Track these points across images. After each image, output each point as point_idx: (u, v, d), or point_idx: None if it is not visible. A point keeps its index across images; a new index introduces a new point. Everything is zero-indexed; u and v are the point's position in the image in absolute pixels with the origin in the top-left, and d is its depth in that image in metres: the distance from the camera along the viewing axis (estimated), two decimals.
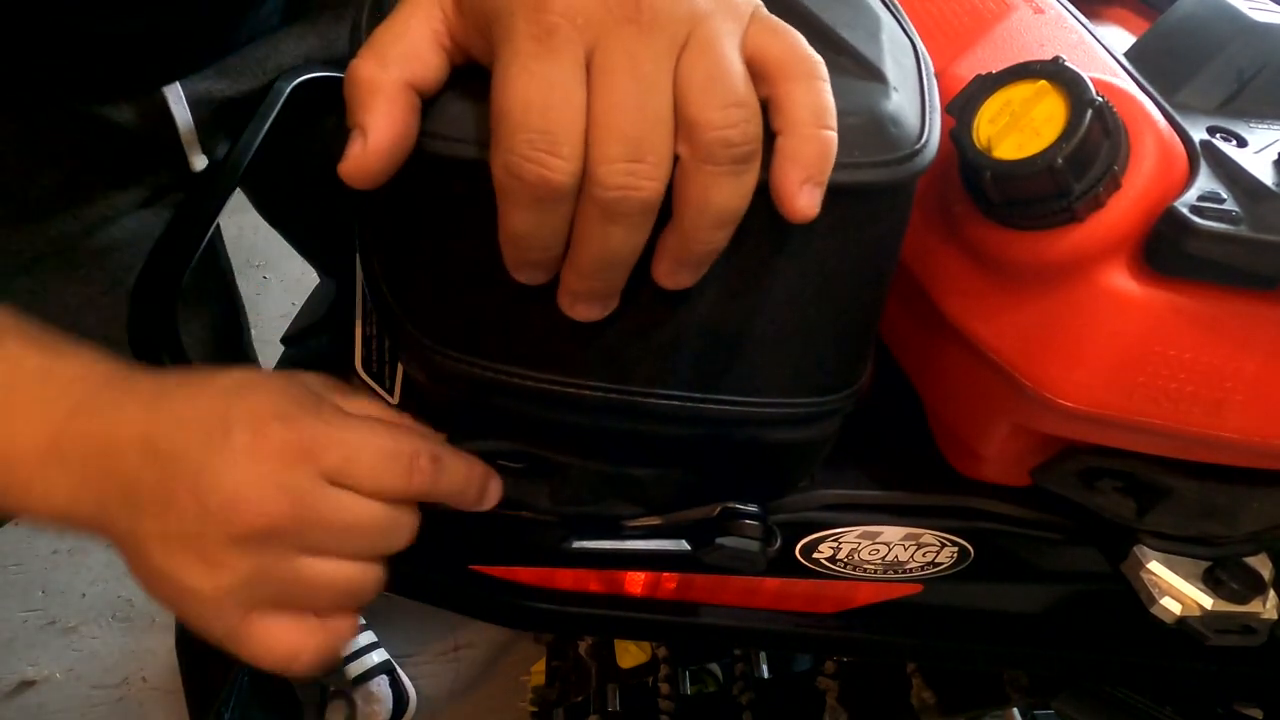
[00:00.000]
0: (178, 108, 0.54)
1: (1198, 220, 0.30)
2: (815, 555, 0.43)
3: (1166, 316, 0.32)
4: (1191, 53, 0.37)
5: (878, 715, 0.64)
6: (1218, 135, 0.34)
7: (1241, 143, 0.34)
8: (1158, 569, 0.40)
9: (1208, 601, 0.39)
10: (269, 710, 1.08)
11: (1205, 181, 0.32)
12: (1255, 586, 0.40)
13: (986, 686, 0.60)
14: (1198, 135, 0.34)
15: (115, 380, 0.34)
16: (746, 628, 0.46)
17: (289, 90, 0.55)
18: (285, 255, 0.77)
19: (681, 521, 0.42)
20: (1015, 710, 0.61)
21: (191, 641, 1.04)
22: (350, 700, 1.17)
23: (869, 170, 0.29)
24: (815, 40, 0.28)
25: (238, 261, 0.70)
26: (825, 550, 0.43)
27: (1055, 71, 0.32)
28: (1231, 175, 0.32)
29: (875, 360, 0.40)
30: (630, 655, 0.77)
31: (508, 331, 0.32)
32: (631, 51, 0.25)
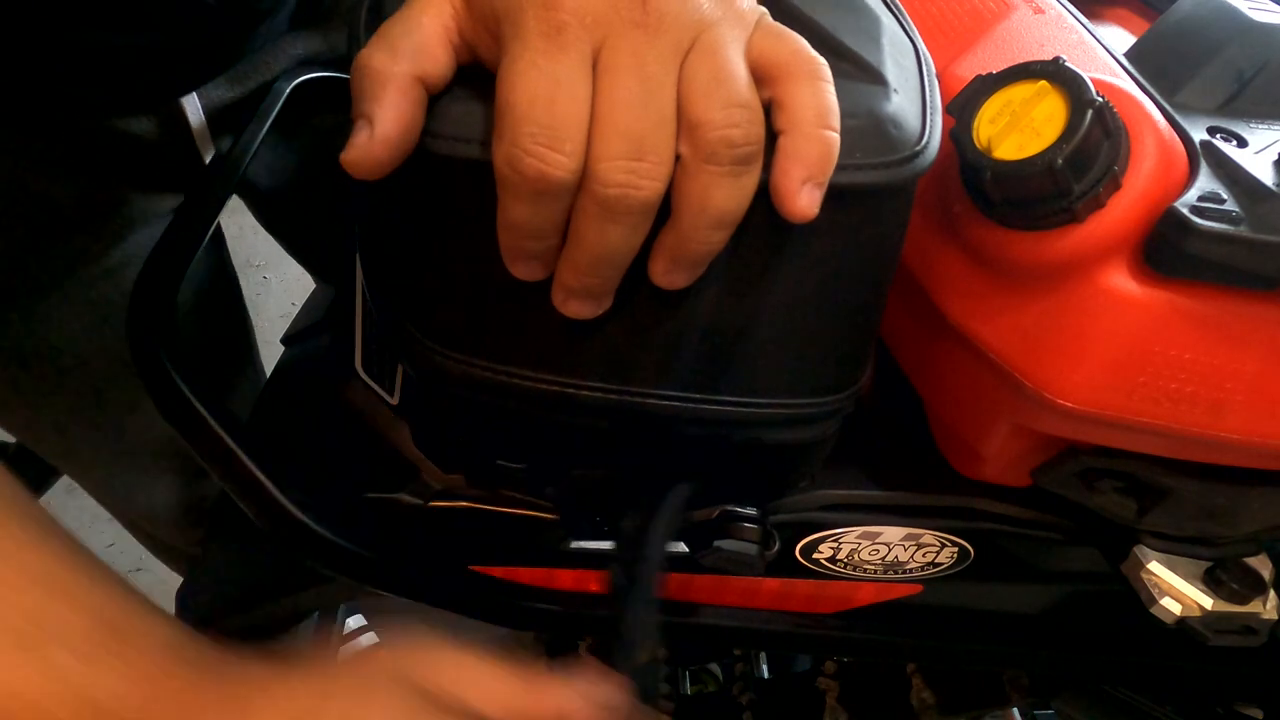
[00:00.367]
0: (194, 117, 0.54)
1: (1198, 220, 0.30)
2: (815, 556, 0.43)
3: (1167, 317, 0.32)
4: (1191, 53, 0.37)
5: (878, 715, 0.64)
6: (1218, 135, 0.34)
7: (1242, 143, 0.34)
8: (1158, 569, 0.40)
9: (1208, 602, 0.39)
10: None
11: (1205, 182, 0.32)
12: (1255, 587, 0.40)
13: (986, 686, 0.60)
14: (1198, 135, 0.34)
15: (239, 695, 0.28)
16: (746, 628, 0.46)
17: (289, 90, 0.56)
18: (285, 255, 0.77)
19: (681, 523, 0.41)
20: (1015, 710, 0.60)
21: None
22: None
23: (869, 172, 0.29)
24: (816, 45, 0.28)
25: (238, 261, 0.70)
26: (825, 551, 0.43)
27: (1055, 72, 0.32)
28: (1232, 175, 0.32)
29: (875, 360, 0.40)
30: None
31: (508, 332, 0.32)
32: (638, 52, 0.25)
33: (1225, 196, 0.31)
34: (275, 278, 1.69)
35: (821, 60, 0.27)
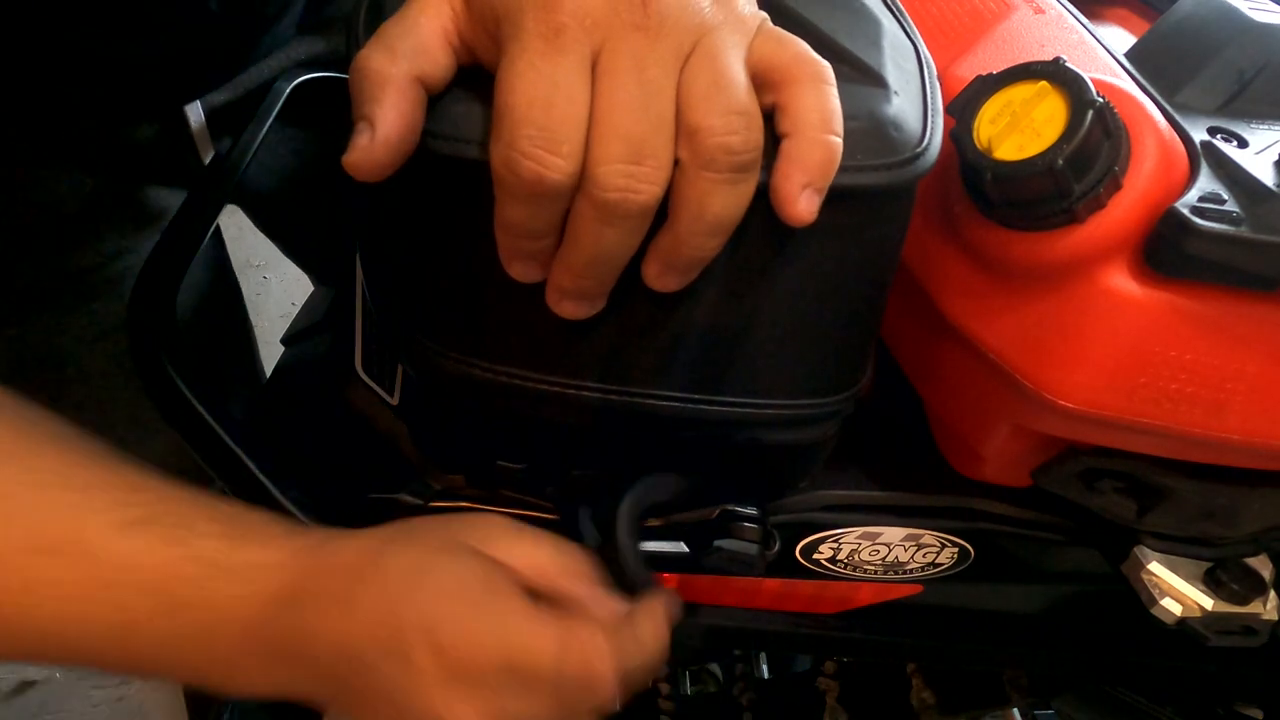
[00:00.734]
0: (194, 119, 0.54)
1: (1198, 221, 0.30)
2: (816, 556, 0.43)
3: (1167, 317, 0.32)
4: (1192, 53, 0.37)
5: (878, 715, 0.64)
6: (1218, 136, 0.34)
7: (1242, 143, 0.34)
8: (1158, 570, 0.40)
9: (1208, 602, 0.39)
10: (271, 712, 1.08)
11: (1206, 182, 0.32)
12: (1256, 587, 0.40)
13: (986, 686, 0.60)
14: (1198, 136, 0.33)
15: (310, 566, 0.31)
16: (746, 628, 0.46)
17: (289, 90, 0.55)
18: (285, 256, 0.77)
19: (681, 523, 0.41)
20: (1015, 710, 0.60)
21: None
22: None
23: (870, 173, 0.29)
24: (817, 48, 0.28)
25: (238, 261, 0.70)
26: (825, 551, 0.43)
27: (1056, 72, 0.32)
28: (1232, 176, 0.32)
29: (875, 360, 0.40)
30: None
31: (507, 332, 0.32)
32: (637, 55, 0.25)
33: (1225, 197, 0.31)
34: (275, 278, 1.69)
35: (825, 64, 0.27)
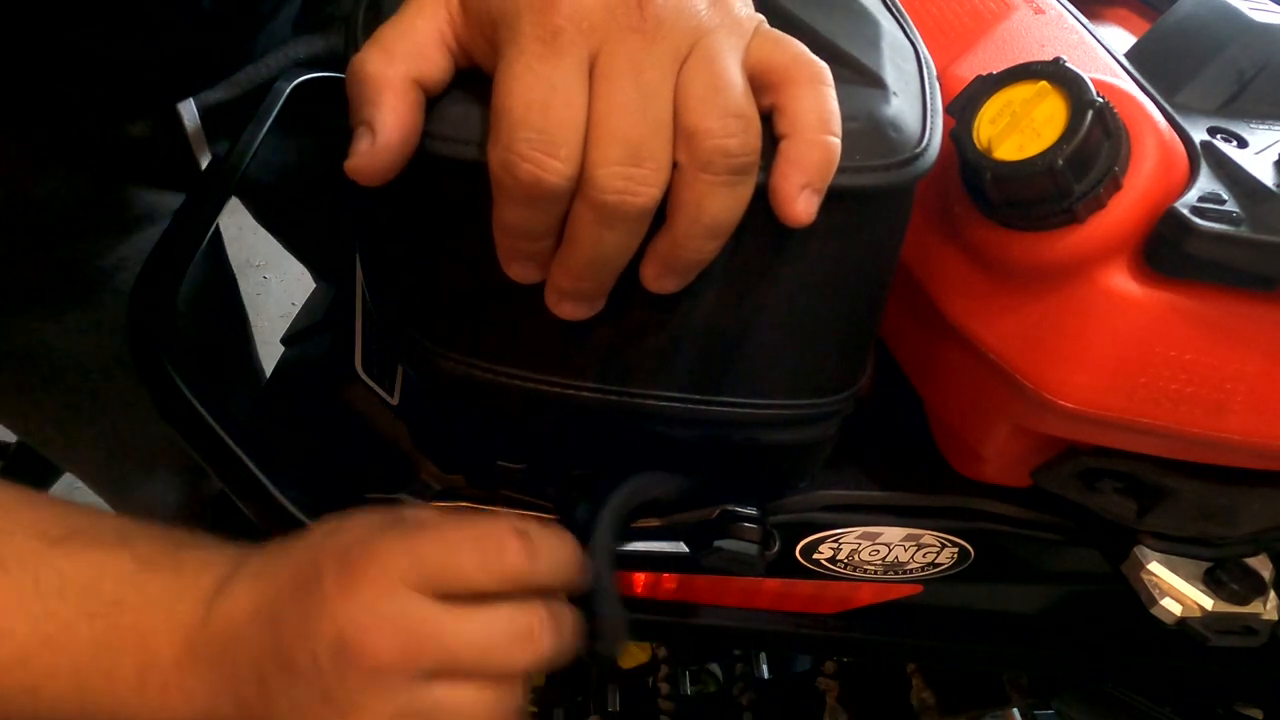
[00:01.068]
0: (189, 118, 0.54)
1: (1198, 221, 0.30)
2: (815, 556, 0.43)
3: (1167, 317, 0.32)
4: (1192, 53, 0.37)
5: (878, 715, 0.64)
6: (1218, 136, 0.34)
7: (1242, 143, 0.34)
8: (1158, 570, 0.40)
9: (1208, 602, 0.39)
10: None
11: (1206, 182, 0.32)
12: (1256, 587, 0.40)
13: (986, 686, 0.60)
14: (1198, 136, 0.33)
15: (238, 566, 0.32)
16: (746, 628, 0.46)
17: (289, 90, 0.55)
18: (285, 255, 0.77)
19: (681, 523, 0.41)
20: (1015, 710, 0.61)
21: None
22: None
23: (869, 174, 0.29)
24: (815, 51, 0.28)
25: (238, 261, 0.70)
26: (825, 551, 0.43)
27: (1056, 72, 0.32)
28: (1232, 176, 0.32)
29: (875, 360, 0.40)
30: (630, 655, 0.77)
31: (506, 333, 0.32)
32: (635, 58, 0.25)
33: (1225, 197, 0.31)
34: (275, 278, 1.69)
35: (823, 65, 0.27)
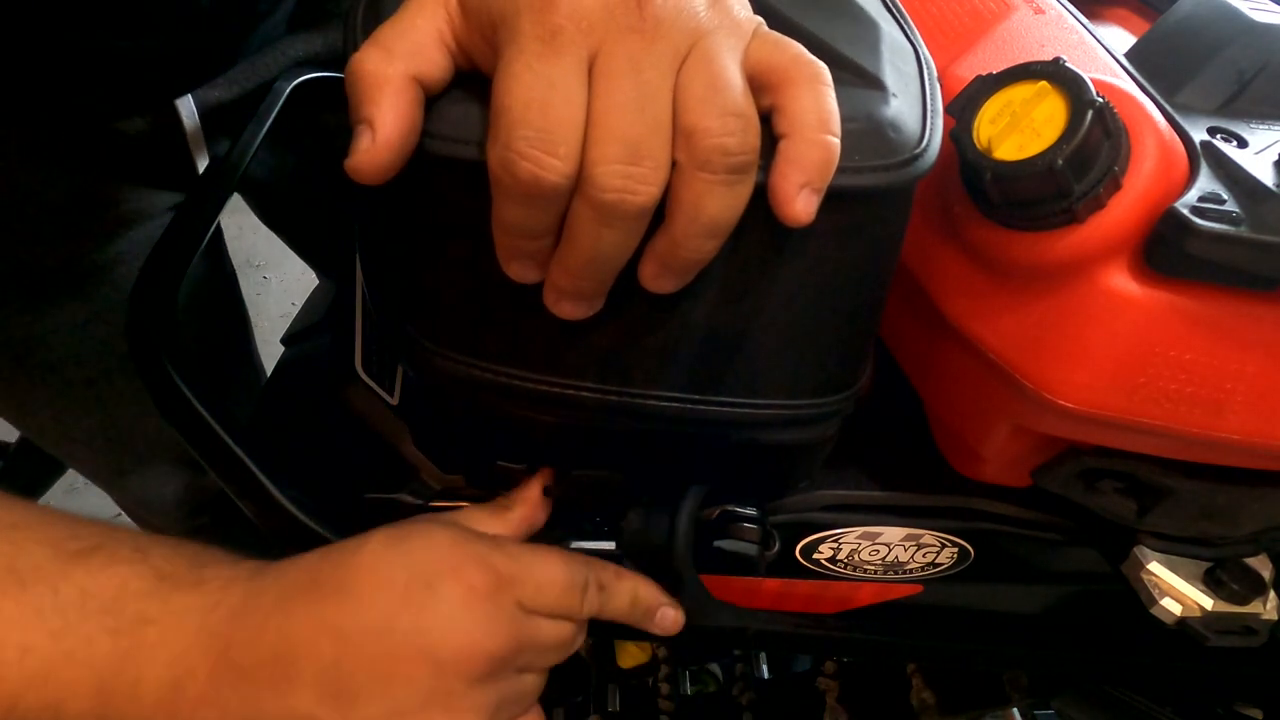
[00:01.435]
0: (187, 117, 0.54)
1: (1198, 221, 0.30)
2: (815, 556, 0.43)
3: (1167, 317, 0.32)
4: (1192, 53, 0.37)
5: (878, 715, 0.64)
6: (1218, 136, 0.34)
7: (1242, 143, 0.34)
8: (1158, 570, 0.40)
9: (1208, 602, 0.39)
10: None
11: (1206, 182, 0.32)
12: (1256, 587, 0.40)
13: (986, 686, 0.60)
14: (1198, 136, 0.33)
15: (276, 579, 0.33)
16: (746, 628, 0.46)
17: (289, 90, 0.55)
18: (285, 255, 0.77)
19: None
20: (1015, 710, 0.61)
21: None
22: None
23: (868, 174, 0.29)
24: (814, 53, 0.28)
25: (238, 261, 0.70)
26: (825, 551, 0.43)
27: (1056, 72, 0.32)
28: (1232, 176, 0.32)
29: (875, 360, 0.40)
30: (630, 655, 0.77)
31: (507, 333, 0.32)
32: (634, 57, 0.25)
33: (1225, 197, 0.31)
34: (275, 278, 1.69)
35: (822, 65, 0.27)
